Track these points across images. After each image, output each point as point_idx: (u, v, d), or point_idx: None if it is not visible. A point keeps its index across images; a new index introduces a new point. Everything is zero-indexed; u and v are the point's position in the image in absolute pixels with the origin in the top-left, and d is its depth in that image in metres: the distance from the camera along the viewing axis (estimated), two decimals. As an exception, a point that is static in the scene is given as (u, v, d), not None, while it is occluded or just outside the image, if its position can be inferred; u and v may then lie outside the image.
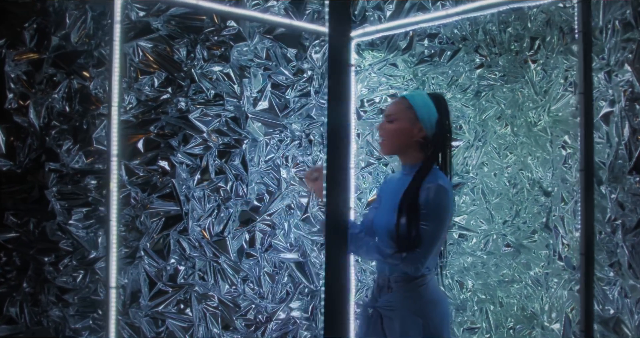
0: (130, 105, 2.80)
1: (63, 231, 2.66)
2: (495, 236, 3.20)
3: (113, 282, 2.26)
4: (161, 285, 2.85)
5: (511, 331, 3.15)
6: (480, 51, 3.19)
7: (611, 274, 2.52)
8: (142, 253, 2.81)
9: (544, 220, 3.00)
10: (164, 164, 2.86)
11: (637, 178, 2.29)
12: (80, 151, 2.70)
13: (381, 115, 2.99)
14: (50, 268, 2.63)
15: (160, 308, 2.86)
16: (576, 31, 2.27)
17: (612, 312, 2.49)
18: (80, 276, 2.70)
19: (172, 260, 2.87)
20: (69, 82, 2.69)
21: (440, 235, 2.15)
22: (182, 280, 2.90)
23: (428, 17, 2.87)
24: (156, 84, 2.85)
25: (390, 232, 2.13)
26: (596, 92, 2.66)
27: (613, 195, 2.45)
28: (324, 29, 3.17)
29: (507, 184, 3.19)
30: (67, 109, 2.69)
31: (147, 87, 2.82)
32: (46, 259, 2.62)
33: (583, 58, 2.21)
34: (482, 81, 3.20)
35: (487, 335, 3.23)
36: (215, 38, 2.96)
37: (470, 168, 3.25)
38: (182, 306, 2.90)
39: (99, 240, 2.74)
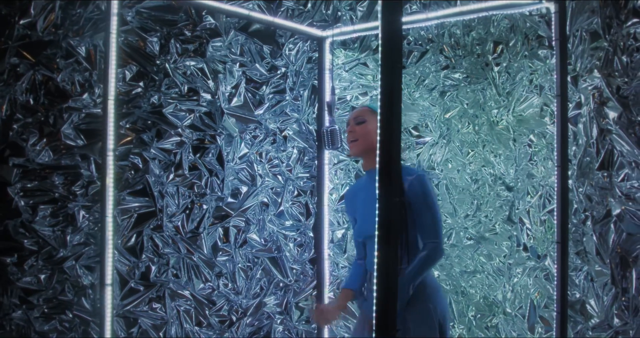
0: (100, 99, 2.39)
1: (27, 229, 2.22)
2: (457, 229, 2.99)
3: (109, 279, 1.90)
4: (133, 284, 2.45)
5: (473, 319, 2.97)
6: (445, 53, 2.98)
7: (578, 262, 2.37)
8: (114, 251, 2.40)
9: (507, 213, 2.83)
10: (136, 159, 2.46)
11: (605, 174, 2.11)
12: (47, 146, 2.27)
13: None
14: (14, 269, 2.19)
15: (132, 307, 2.46)
16: (553, 39, 2.21)
17: (578, 295, 2.38)
18: (46, 276, 2.27)
19: (145, 258, 2.47)
20: (33, 74, 2.26)
21: (440, 217, 2.14)
22: (155, 278, 2.51)
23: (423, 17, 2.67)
24: (128, 77, 2.44)
25: None
26: None
27: (581, 189, 2.28)
28: (303, 27, 2.86)
29: (469, 180, 2.99)
30: (32, 101, 2.26)
31: (118, 81, 2.41)
32: (9, 260, 2.17)
33: (560, 63, 2.14)
34: (447, 82, 2.99)
35: (451, 323, 3.05)
36: (190, 33, 2.58)
37: (435, 165, 3.04)
38: (154, 304, 2.52)
39: (68, 238, 2.32)
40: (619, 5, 1.98)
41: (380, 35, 1.29)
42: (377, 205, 2.00)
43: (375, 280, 1.17)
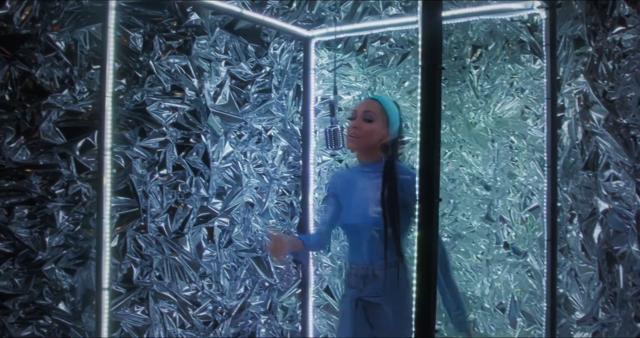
0: (81, 96, 2.23)
1: (3, 231, 2.04)
2: (435, 227, 2.97)
3: (105, 283, 1.77)
4: (115, 286, 2.30)
5: (447, 311, 2.95)
6: (424, 55, 2.94)
7: (561, 258, 2.36)
8: (95, 253, 2.25)
9: (485, 212, 2.80)
10: (118, 158, 2.31)
11: (590, 174, 2.11)
12: (24, 144, 2.10)
13: (347, 113, 2.71)
14: (-12, 273, 2.02)
15: (113, 310, 2.30)
16: (544, 44, 2.20)
17: (561, 290, 2.35)
18: (23, 280, 2.10)
19: (127, 260, 2.33)
20: (9, 68, 2.08)
21: None
22: (138, 280, 2.37)
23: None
24: (110, 74, 2.29)
25: (377, 226, 2.04)
26: (544, 98, 2.51)
27: (565, 188, 2.26)
28: (290, 27, 2.75)
29: (447, 180, 2.94)
30: (8, 97, 2.08)
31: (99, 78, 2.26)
32: (-18, 264, 2.00)
33: (550, 68, 2.11)
34: (425, 83, 2.95)
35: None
36: (175, 30, 2.44)
37: (414, 164, 3.00)
38: (137, 307, 2.37)
39: (46, 240, 2.16)
40: (604, 13, 1.98)
41: (420, 36, 1.21)
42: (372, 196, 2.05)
43: (415, 281, 1.11)
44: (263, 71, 2.71)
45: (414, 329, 1.14)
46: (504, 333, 2.65)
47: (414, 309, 1.15)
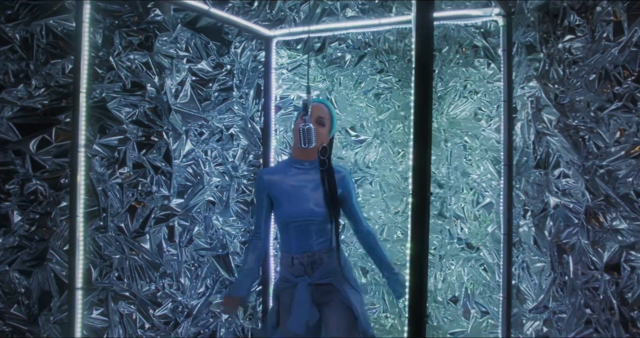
0: (38, 91, 2.15)
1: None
2: (389, 225, 3.04)
3: (79, 282, 1.71)
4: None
5: (403, 309, 3.03)
6: (380, 57, 3.00)
7: (514, 251, 2.47)
8: (52, 253, 2.17)
9: (438, 209, 2.90)
10: (77, 156, 2.23)
11: (542, 172, 2.23)
12: (-27, 141, 2.00)
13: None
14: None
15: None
16: (501, 49, 2.28)
17: (513, 282, 2.47)
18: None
19: (86, 260, 2.25)
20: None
21: None
22: (97, 281, 2.29)
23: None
24: (67, 69, 2.21)
25: (322, 218, 2.18)
26: (498, 101, 2.64)
27: (518, 186, 2.38)
28: (253, 25, 2.74)
29: (400, 178, 3.02)
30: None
31: (57, 73, 2.18)
32: None
33: (507, 72, 2.20)
34: (381, 84, 3.02)
35: (384, 314, 3.09)
36: (135, 26, 2.38)
37: (370, 163, 3.06)
38: (96, 308, 2.30)
39: (0, 241, 2.06)
40: (555, 22, 2.10)
41: (414, 40, 1.26)
42: (314, 191, 2.17)
43: (408, 271, 1.16)
44: (224, 69, 2.69)
45: (406, 315, 1.19)
46: (457, 324, 2.76)
47: (407, 295, 1.19)
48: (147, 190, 2.41)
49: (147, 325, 2.43)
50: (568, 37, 2.03)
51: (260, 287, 2.81)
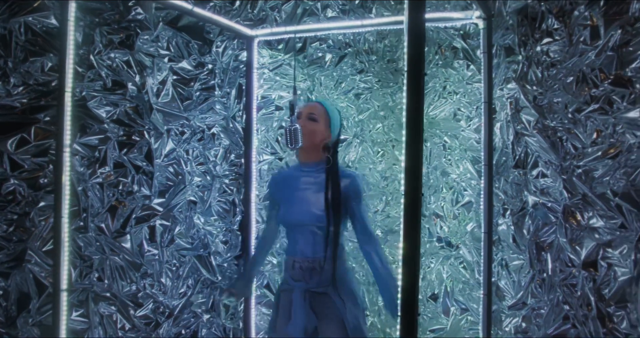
0: (16, 89, 2.10)
1: None
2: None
3: (64, 284, 1.68)
4: (52, 289, 2.18)
5: (383, 307, 3.05)
6: (360, 57, 3.03)
7: (493, 249, 2.52)
8: (31, 255, 2.13)
9: (417, 208, 2.94)
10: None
11: (521, 172, 2.28)
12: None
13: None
14: None
15: (50, 314, 2.18)
16: (481, 51, 2.31)
17: (492, 279, 2.51)
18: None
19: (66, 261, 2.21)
20: None
21: None
22: (77, 282, 2.26)
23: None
24: (47, 67, 2.16)
25: (320, 222, 2.14)
26: (477, 102, 2.70)
27: (497, 185, 2.43)
28: (235, 25, 2.72)
29: (379, 177, 3.05)
30: None
31: (35, 71, 2.13)
32: None
33: (487, 73, 2.23)
34: (361, 84, 3.04)
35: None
36: (116, 24, 2.35)
37: (350, 163, 3.08)
38: (76, 310, 2.27)
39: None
40: (534, 26, 2.15)
41: (406, 44, 1.29)
42: (316, 195, 2.15)
43: (400, 270, 1.18)
44: (205, 69, 2.67)
45: (399, 314, 1.21)
46: (436, 321, 2.80)
47: (399, 295, 1.21)
48: (128, 189, 2.38)
49: (127, 326, 2.40)
50: (546, 40, 2.08)
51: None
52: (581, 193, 1.84)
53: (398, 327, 1.24)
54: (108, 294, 2.33)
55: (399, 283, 1.24)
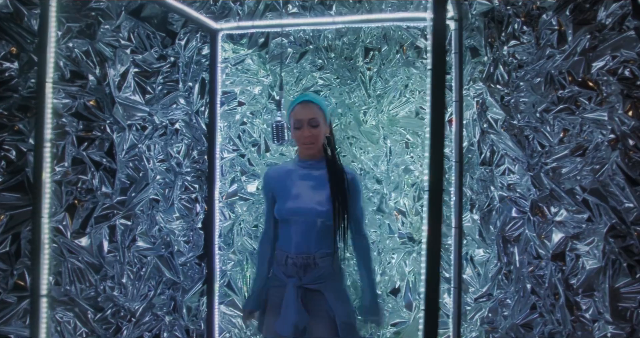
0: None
1: None
2: (329, 220, 3.07)
3: (44, 289, 1.56)
4: (4, 296, 2.01)
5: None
6: (320, 54, 3.02)
7: None
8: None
9: (377, 204, 2.98)
10: (10, 151, 2.02)
11: (488, 169, 2.35)
12: None
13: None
14: None
15: (1, 322, 2.01)
16: (453, 52, 2.35)
17: None
18: None
19: (20, 265, 2.04)
20: None
21: None
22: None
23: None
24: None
25: (325, 218, 2.10)
26: None
27: (463, 182, 2.49)
28: (199, 16, 2.62)
29: (335, 173, 3.07)
30: None
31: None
32: None
33: (458, 73, 2.29)
34: (320, 82, 3.04)
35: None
36: (76, 12, 2.19)
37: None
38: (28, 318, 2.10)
39: None
40: (500, 28, 2.23)
41: (430, 43, 1.28)
42: (320, 189, 2.10)
43: (423, 265, 1.17)
44: (168, 61, 2.56)
45: (422, 307, 1.21)
46: (397, 315, 2.84)
47: (422, 289, 1.21)
48: (87, 187, 2.24)
49: (87, 332, 2.26)
50: (513, 42, 2.16)
51: (206, 286, 2.72)
52: (549, 189, 1.93)
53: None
54: (66, 299, 2.19)
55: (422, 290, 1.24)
